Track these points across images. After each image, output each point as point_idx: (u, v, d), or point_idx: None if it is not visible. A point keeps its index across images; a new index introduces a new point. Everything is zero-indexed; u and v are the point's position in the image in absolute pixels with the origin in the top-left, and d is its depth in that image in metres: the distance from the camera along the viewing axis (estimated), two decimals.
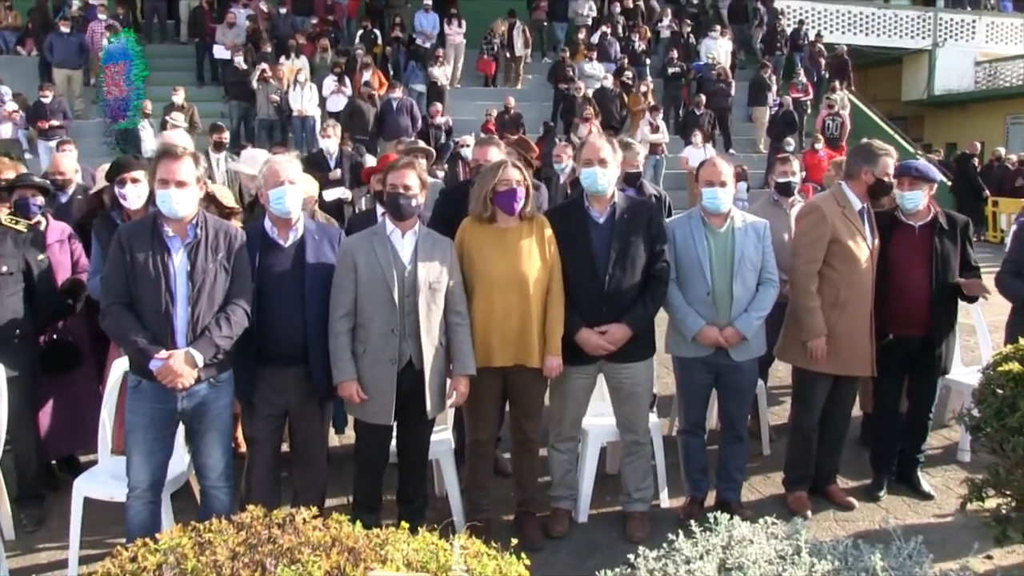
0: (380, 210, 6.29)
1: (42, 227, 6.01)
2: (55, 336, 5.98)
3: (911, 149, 22.52)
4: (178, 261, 4.47)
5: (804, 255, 5.77)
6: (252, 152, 8.27)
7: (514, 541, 2.94)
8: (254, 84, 18.95)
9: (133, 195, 5.64)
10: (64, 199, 7.40)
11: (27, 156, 15.70)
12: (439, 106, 19.16)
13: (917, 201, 5.83)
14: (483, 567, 2.53)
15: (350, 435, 6.94)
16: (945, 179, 20.55)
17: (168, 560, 2.54)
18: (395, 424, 5.16)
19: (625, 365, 5.44)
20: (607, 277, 5.27)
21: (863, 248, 5.75)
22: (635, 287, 5.32)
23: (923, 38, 30.92)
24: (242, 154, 8.40)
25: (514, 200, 5.13)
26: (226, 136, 9.22)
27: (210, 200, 5.82)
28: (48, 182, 6.68)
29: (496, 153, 6.06)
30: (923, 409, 6.15)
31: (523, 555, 2.71)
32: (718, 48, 23.63)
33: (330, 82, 19.41)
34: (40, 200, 6.12)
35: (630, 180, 6.94)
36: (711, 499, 5.92)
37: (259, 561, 2.49)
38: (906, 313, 5.86)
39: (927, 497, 6.15)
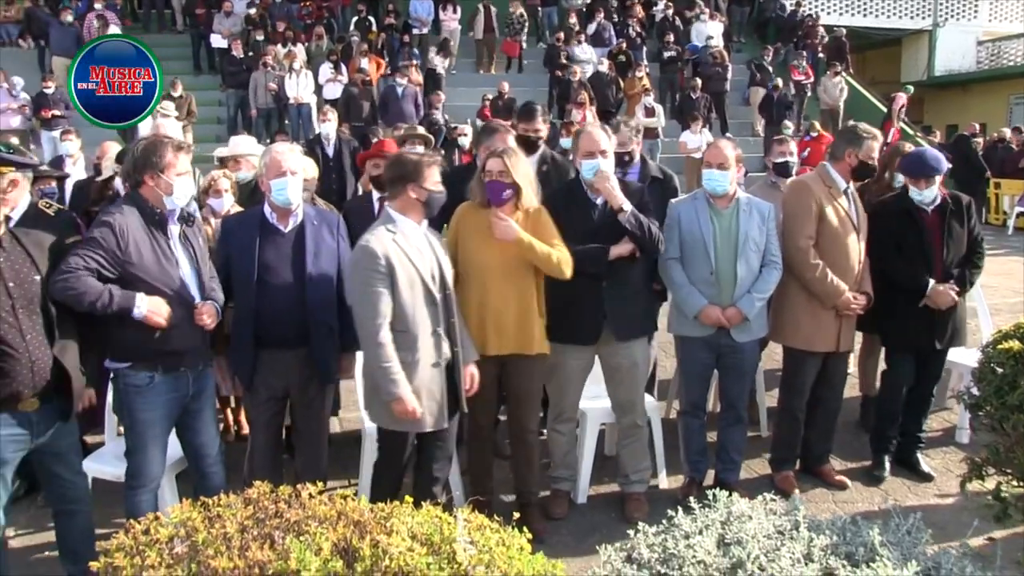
0: (376, 195, 6.26)
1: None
2: None
3: (911, 132, 22.38)
4: (179, 250, 4.54)
5: (798, 229, 5.77)
6: (237, 139, 8.25)
7: (516, 515, 2.98)
8: (254, 78, 18.99)
9: None
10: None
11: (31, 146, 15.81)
12: (441, 95, 18.93)
13: (933, 195, 5.93)
14: (486, 540, 2.57)
15: (349, 418, 6.97)
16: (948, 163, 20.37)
17: (179, 533, 2.59)
18: None
19: (624, 344, 5.44)
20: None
21: (848, 226, 5.81)
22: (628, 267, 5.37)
23: (923, 18, 30.58)
24: (230, 141, 8.35)
25: (499, 192, 5.03)
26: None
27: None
28: (47, 168, 6.70)
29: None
30: (929, 382, 6.24)
31: (524, 530, 2.74)
32: (708, 31, 23.47)
33: (326, 69, 19.39)
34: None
35: (621, 162, 6.63)
36: (709, 480, 5.93)
37: (267, 534, 2.54)
38: None
39: (927, 478, 6.19)
